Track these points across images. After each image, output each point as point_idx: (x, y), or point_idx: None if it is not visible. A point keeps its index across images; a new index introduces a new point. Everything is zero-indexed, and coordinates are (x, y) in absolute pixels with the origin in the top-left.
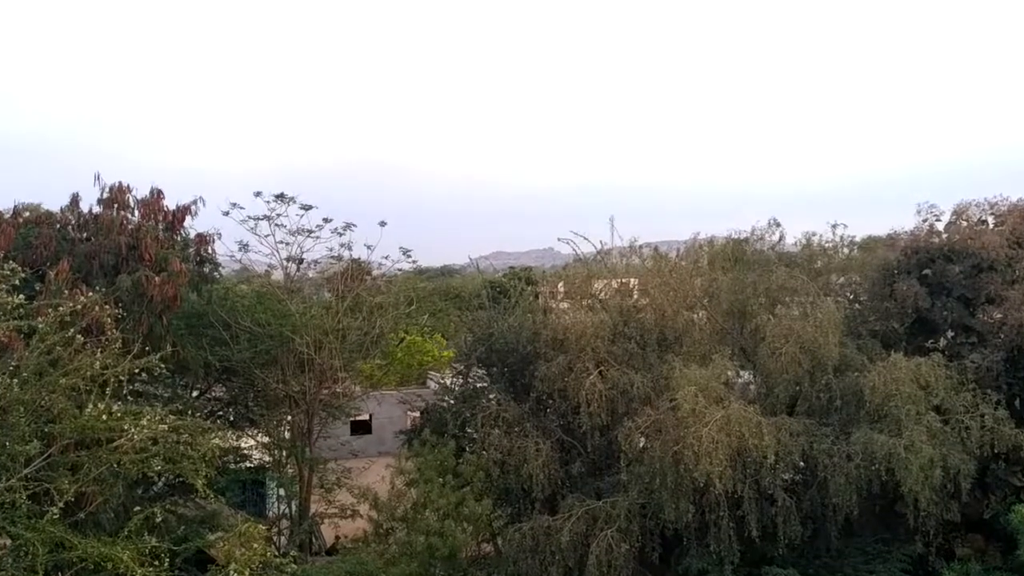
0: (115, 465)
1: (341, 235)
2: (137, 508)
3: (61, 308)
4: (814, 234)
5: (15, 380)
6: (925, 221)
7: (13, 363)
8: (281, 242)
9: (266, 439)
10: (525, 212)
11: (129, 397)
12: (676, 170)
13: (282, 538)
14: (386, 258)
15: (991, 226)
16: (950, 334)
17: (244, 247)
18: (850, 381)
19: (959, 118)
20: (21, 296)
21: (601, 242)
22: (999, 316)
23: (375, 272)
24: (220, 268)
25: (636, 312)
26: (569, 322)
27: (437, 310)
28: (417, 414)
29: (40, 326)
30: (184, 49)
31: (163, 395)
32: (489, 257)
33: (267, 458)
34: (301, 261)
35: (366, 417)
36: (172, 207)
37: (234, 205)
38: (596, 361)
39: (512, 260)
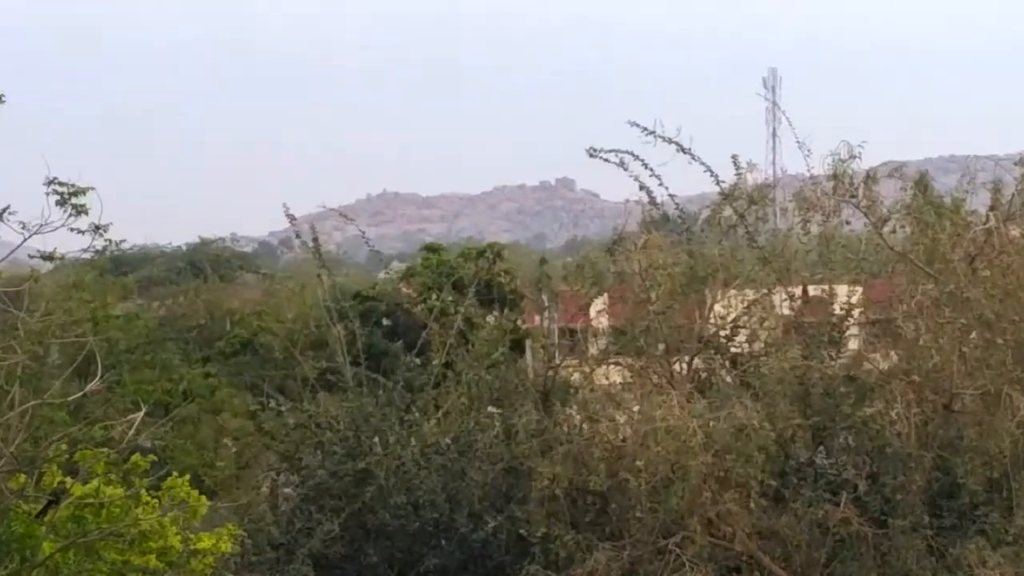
0: None
1: None
2: None
3: None
4: None
5: None
6: None
7: None
8: None
9: None
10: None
11: None
12: None
13: None
14: None
15: None
16: None
17: None
18: None
19: None
20: None
21: (738, 164)
22: None
23: None
24: None
25: (861, 395)
26: (630, 432)
27: (175, 393)
28: None
29: None
30: None
31: None
32: (365, 209)
33: None
34: None
35: None
36: None
37: None
38: (724, 567)
39: (436, 224)
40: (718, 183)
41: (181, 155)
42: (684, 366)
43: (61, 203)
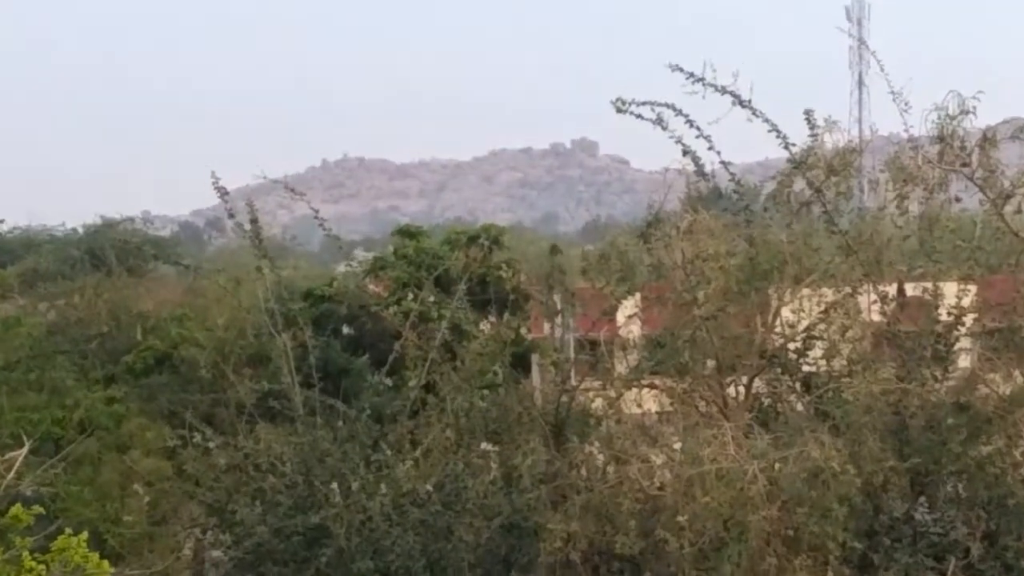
0: None
1: None
2: None
3: None
4: None
5: None
6: None
7: None
8: None
9: None
10: None
11: None
12: None
13: None
14: None
15: None
16: None
17: None
18: None
19: None
20: None
21: (813, 121)
22: None
23: None
24: None
25: (975, 429)
26: (670, 477)
27: (69, 423)
28: None
29: None
30: None
31: None
32: (320, 181)
33: None
34: None
35: None
36: None
37: None
38: None
39: (413, 199)
40: (787, 147)
41: (77, 111)
42: (741, 389)
43: None
